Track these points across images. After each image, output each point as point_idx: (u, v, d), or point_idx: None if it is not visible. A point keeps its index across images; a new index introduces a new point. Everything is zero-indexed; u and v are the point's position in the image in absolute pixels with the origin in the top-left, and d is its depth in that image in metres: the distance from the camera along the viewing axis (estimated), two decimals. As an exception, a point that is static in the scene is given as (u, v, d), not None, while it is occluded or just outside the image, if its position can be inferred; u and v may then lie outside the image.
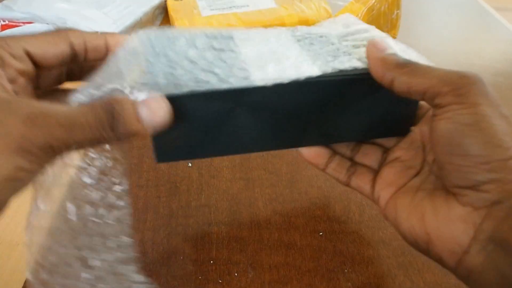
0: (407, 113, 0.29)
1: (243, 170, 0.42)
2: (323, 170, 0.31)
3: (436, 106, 0.23)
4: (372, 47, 0.26)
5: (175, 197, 0.39)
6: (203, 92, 0.23)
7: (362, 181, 0.30)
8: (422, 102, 0.29)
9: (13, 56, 0.22)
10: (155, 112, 0.22)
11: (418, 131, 0.29)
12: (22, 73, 0.22)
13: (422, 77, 0.23)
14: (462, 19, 0.67)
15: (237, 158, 0.43)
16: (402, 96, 0.24)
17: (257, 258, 0.34)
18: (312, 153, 0.31)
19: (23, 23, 0.54)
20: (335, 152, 0.31)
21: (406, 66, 0.24)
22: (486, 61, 0.57)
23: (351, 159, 0.31)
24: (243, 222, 0.37)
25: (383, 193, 0.28)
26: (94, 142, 0.20)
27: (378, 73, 0.25)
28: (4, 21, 0.54)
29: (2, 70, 0.21)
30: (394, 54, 0.25)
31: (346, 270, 0.33)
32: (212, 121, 0.25)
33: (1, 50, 0.21)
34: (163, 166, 0.43)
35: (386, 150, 0.30)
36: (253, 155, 0.43)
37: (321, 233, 0.36)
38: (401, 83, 0.24)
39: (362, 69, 0.26)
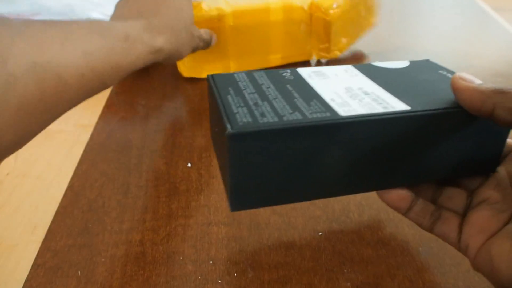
0: (493, 150, 0.27)
1: (242, 171, 0.42)
2: (405, 214, 0.29)
3: None
4: (458, 79, 0.25)
5: (175, 198, 0.39)
6: (293, 127, 0.22)
7: (447, 227, 0.27)
8: (509, 140, 0.28)
9: None
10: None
11: (504, 170, 0.27)
12: None
13: None
14: (461, 20, 0.67)
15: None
16: (497, 127, 0.24)
17: (257, 258, 0.34)
18: (394, 196, 0.28)
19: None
20: (417, 195, 0.29)
21: (505, 92, 0.23)
22: (485, 61, 0.57)
23: (433, 202, 0.29)
24: (243, 222, 0.37)
25: (472, 241, 0.25)
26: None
27: (475, 102, 0.24)
28: (4, 14, 0.54)
29: None
30: (485, 84, 0.24)
31: (345, 270, 0.33)
32: (297, 161, 0.24)
33: None
34: (162, 166, 0.43)
35: (471, 193, 0.28)
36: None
37: (320, 233, 0.36)
38: (505, 109, 0.22)
39: (452, 102, 0.25)
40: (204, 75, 0.54)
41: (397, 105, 0.25)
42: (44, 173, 0.43)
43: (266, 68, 0.57)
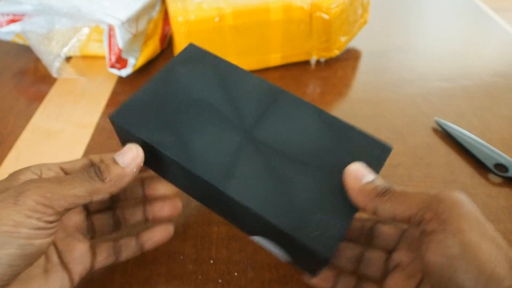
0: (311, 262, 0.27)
1: (242, 170, 0.42)
2: None
3: (422, 232, 0.23)
4: (349, 177, 0.26)
5: (175, 197, 0.39)
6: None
7: None
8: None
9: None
10: (129, 158, 0.27)
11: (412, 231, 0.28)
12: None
13: (403, 203, 0.23)
14: (461, 20, 0.67)
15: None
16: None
17: (257, 258, 0.35)
18: (316, 280, 0.30)
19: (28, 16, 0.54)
20: (339, 272, 0.30)
21: (386, 193, 0.24)
22: (485, 61, 0.58)
23: (355, 272, 0.30)
24: (243, 222, 0.37)
25: None
26: (92, 194, 0.25)
27: (360, 203, 0.25)
28: (8, 15, 0.54)
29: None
30: (372, 181, 0.25)
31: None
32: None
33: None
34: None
35: (389, 254, 0.29)
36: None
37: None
38: (385, 212, 0.24)
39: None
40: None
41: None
42: (45, 172, 0.43)
43: (266, 68, 0.57)
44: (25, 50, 0.59)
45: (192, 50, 0.34)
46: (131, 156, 0.27)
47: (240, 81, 0.32)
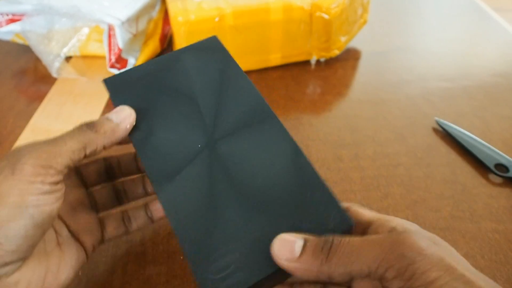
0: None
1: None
2: None
3: None
4: (279, 256, 0.22)
5: (175, 197, 0.39)
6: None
7: None
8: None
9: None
10: (122, 115, 0.27)
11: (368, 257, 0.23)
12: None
13: (358, 261, 0.20)
14: (461, 20, 0.67)
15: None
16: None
17: (257, 258, 0.35)
18: None
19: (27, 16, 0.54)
20: None
21: (333, 253, 0.21)
22: (485, 61, 0.58)
23: None
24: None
25: None
26: (87, 146, 0.25)
27: (311, 277, 0.21)
28: (8, 15, 0.54)
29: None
30: (306, 243, 0.22)
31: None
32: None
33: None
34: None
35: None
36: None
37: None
38: (342, 275, 0.21)
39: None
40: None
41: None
42: (45, 172, 0.43)
43: (266, 68, 0.57)
44: (25, 50, 0.59)
45: (212, 43, 0.33)
46: (124, 114, 0.27)
47: (237, 90, 0.30)
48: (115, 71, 0.53)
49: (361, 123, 0.48)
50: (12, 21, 0.54)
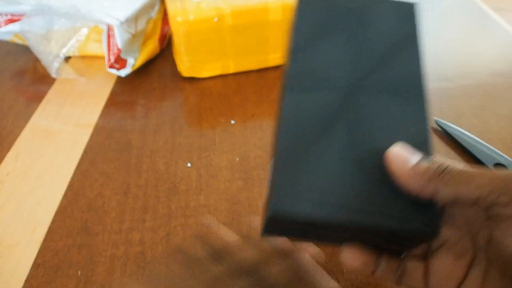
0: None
1: (242, 170, 0.42)
2: (372, 275, 0.27)
3: (493, 216, 0.21)
4: (393, 160, 0.22)
5: (174, 197, 0.39)
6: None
7: (413, 280, 0.26)
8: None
9: None
10: None
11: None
12: None
13: (469, 184, 0.20)
14: (461, 20, 0.67)
15: (236, 157, 0.43)
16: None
17: (256, 258, 0.35)
18: (358, 262, 0.26)
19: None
20: (381, 252, 0.27)
21: (445, 174, 0.21)
22: (485, 61, 0.58)
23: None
24: (242, 222, 0.37)
25: None
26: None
27: (414, 187, 0.22)
28: (7, 15, 0.54)
29: None
30: (422, 160, 0.22)
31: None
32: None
33: None
34: (162, 166, 0.43)
35: None
36: (252, 154, 0.44)
37: (319, 233, 0.36)
38: (448, 194, 0.21)
39: None
40: (203, 75, 0.54)
41: None
42: (44, 173, 0.43)
43: (265, 68, 0.57)
44: (24, 50, 0.59)
45: (410, 8, 0.34)
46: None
47: (404, 58, 0.32)
48: (114, 71, 0.53)
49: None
50: (11, 21, 0.54)
